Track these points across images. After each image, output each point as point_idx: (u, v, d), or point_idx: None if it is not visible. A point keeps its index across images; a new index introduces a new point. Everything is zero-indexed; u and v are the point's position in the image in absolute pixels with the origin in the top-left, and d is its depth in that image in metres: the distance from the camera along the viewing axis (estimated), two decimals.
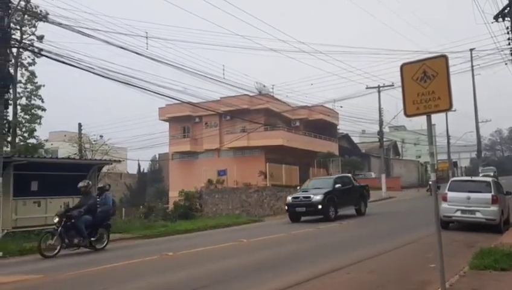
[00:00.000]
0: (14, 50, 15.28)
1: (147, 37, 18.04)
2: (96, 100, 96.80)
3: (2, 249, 11.90)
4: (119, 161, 20.51)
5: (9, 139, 16.69)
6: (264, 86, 35.51)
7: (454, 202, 13.20)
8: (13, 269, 9.57)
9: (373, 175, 47.92)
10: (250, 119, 33.65)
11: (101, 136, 28.44)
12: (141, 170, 53.18)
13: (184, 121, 39.62)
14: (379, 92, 37.31)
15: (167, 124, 41.02)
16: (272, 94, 35.61)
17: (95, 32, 15.61)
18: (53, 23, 15.42)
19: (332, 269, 7.90)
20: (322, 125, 42.31)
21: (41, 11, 16.33)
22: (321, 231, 15.18)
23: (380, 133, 38.07)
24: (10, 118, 15.94)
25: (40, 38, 16.76)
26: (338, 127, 46.65)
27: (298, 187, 21.77)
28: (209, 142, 37.73)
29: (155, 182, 49.89)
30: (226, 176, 32.21)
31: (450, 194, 13.46)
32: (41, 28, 17.20)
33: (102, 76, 15.74)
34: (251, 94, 33.91)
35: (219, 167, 33.54)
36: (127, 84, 16.85)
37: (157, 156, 55.52)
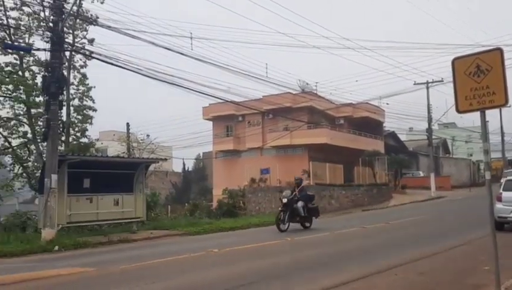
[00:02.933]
0: (67, 53, 15.99)
1: (191, 38, 18.36)
2: (143, 100, 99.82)
3: (57, 243, 12.55)
4: (165, 160, 21.07)
5: (63, 138, 17.49)
6: (307, 83, 35.23)
7: (510, 202, 12.54)
8: (68, 261, 10.06)
9: (421, 174, 46.37)
10: (293, 117, 33.47)
11: (148, 136, 29.24)
12: (186, 168, 54.35)
13: (227, 119, 40.02)
14: (428, 88, 36.03)
15: (211, 123, 41.60)
16: (315, 92, 35.26)
17: (141, 34, 16.07)
18: (102, 26, 16.04)
19: (380, 269, 7.72)
20: (367, 123, 41.40)
21: (91, 15, 17.05)
22: (368, 231, 14.89)
23: (429, 130, 36.75)
24: (64, 118, 16.69)
25: (91, 41, 17.48)
26: (384, 125, 45.49)
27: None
28: (251, 141, 37.90)
29: (199, 180, 50.76)
30: (269, 174, 32.23)
31: (505, 194, 12.80)
32: (92, 31, 17.96)
33: (149, 77, 16.17)
34: (294, 92, 33.72)
35: (262, 165, 33.60)
36: (172, 84, 17.23)
37: (201, 155, 56.48)
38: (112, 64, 14.68)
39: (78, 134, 19.78)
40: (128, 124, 29.55)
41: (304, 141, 35.40)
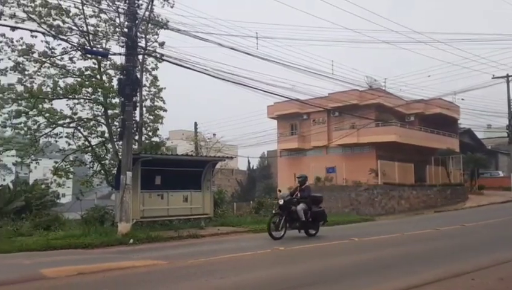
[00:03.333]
0: (140, 57, 16.81)
1: (257, 37, 18.56)
2: (210, 100, 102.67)
3: (132, 237, 13.25)
4: (231, 158, 21.48)
5: (136, 137, 18.42)
6: (375, 80, 34.12)
7: None
8: (142, 254, 10.59)
9: (501, 174, 43.20)
10: (360, 115, 32.64)
11: (214, 134, 30.02)
12: (251, 167, 55.03)
13: (292, 118, 39.95)
14: (508, 81, 33.45)
15: (275, 121, 41.76)
16: (383, 88, 34.10)
17: (209, 36, 16.54)
18: (172, 29, 16.72)
19: (454, 273, 7.29)
20: (440, 120, 39.28)
21: (162, 19, 17.80)
22: (440, 233, 14.14)
23: (509, 127, 34.12)
24: (138, 118, 17.58)
25: (162, 44, 18.23)
26: (459, 122, 42.91)
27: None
28: (317, 139, 37.50)
29: (264, 178, 51.19)
30: (335, 173, 31.73)
31: None
32: (163, 35, 18.74)
33: (216, 77, 16.57)
34: (361, 89, 32.86)
35: (327, 164, 33.17)
36: (238, 84, 17.53)
37: (265, 153, 56.91)
38: (181, 65, 15.25)
39: (150, 133, 20.69)
40: (196, 124, 30.53)
41: (372, 139, 34.40)
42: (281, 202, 13.23)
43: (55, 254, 10.88)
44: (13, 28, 15.66)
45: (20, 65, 17.26)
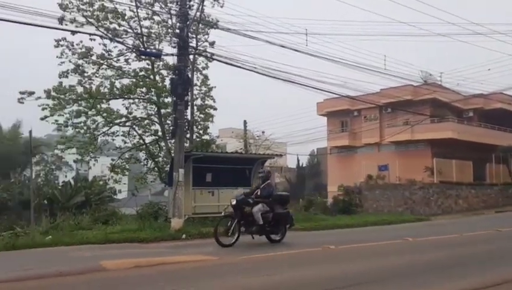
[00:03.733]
0: (191, 56, 17.17)
1: (306, 34, 18.42)
2: (259, 98, 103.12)
3: (184, 232, 13.61)
4: (281, 155, 21.39)
5: (188, 136, 18.82)
6: (430, 74, 32.69)
7: None
8: (194, 249, 10.84)
9: None
10: (414, 111, 31.46)
11: (263, 132, 30.06)
12: (300, 164, 54.64)
13: (342, 115, 39.26)
14: None
15: (325, 118, 41.22)
16: (439, 83, 32.65)
17: (258, 34, 16.55)
18: (222, 29, 16.97)
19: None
20: (501, 116, 37.03)
21: (212, 19, 18.09)
22: (502, 234, 13.35)
23: None
24: (189, 117, 17.98)
25: (212, 44, 18.54)
26: None
27: None
28: (368, 136, 36.61)
29: (313, 176, 50.66)
30: (388, 171, 30.82)
31: None
32: (213, 34, 18.99)
33: (265, 75, 16.62)
34: (415, 84, 31.65)
35: (379, 161, 32.29)
36: (287, 81, 17.47)
37: (315, 151, 56.30)
38: (231, 64, 15.42)
39: (201, 132, 21.09)
40: (245, 122, 30.76)
41: (427, 136, 33.07)
42: (234, 202, 11.37)
43: (113, 247, 11.39)
44: (73, 32, 16.58)
45: (80, 67, 18.18)
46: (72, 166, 34.29)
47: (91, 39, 17.18)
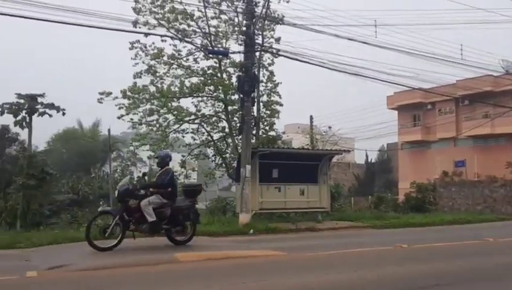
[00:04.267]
0: (257, 53, 17.27)
1: (375, 25, 17.77)
2: (326, 93, 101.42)
3: (252, 227, 13.77)
4: (349, 151, 20.96)
5: (254, 132, 18.98)
6: None
7: None
8: (261, 244, 10.92)
9: None
10: (494, 103, 29.27)
11: (330, 127, 29.54)
12: (369, 160, 53.12)
13: (414, 108, 37.57)
14: None
15: (395, 112, 39.69)
16: None
17: (325, 28, 16.25)
18: (288, 24, 16.87)
19: None
20: None
21: (278, 15, 18.06)
22: None
23: None
24: (255, 113, 18.12)
25: (278, 40, 18.51)
26: None
27: None
28: (443, 131, 34.71)
29: (383, 172, 49.08)
30: (465, 167, 28.97)
31: None
32: (279, 30, 18.95)
33: (332, 69, 16.30)
34: (496, 74, 29.41)
35: (455, 157, 30.45)
36: (356, 74, 17.00)
37: (385, 146, 54.40)
38: (297, 60, 15.31)
39: (267, 128, 21.19)
40: (311, 117, 30.41)
41: (509, 130, 30.69)
42: (116, 193, 9.57)
43: None
44: (146, 35, 17.37)
45: (152, 68, 19.02)
46: (146, 162, 36.09)
47: (162, 40, 17.92)
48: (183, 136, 21.48)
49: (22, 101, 19.61)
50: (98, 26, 12.39)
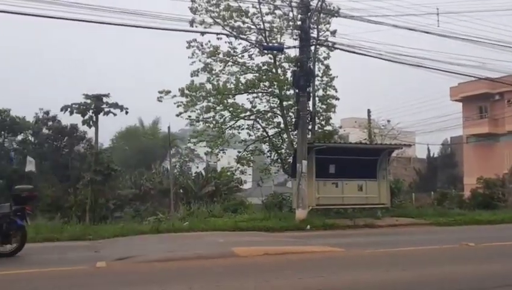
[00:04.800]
0: (312, 47, 17.08)
1: (437, 14, 16.95)
2: (384, 85, 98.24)
3: (309, 223, 13.70)
4: (409, 145, 20.20)
5: (310, 127, 18.81)
6: None
7: None
8: (319, 240, 10.85)
9: None
10: None
11: (389, 121, 28.61)
12: (431, 155, 50.87)
13: (480, 99, 35.46)
14: None
15: (460, 104, 37.68)
16: None
17: (383, 18, 15.74)
18: (345, 16, 16.54)
19: None
20: None
21: (333, 7, 17.75)
22: None
23: None
24: (311, 108, 17.95)
25: (333, 33, 18.19)
26: None
27: None
28: None
29: (446, 167, 46.79)
30: None
31: None
32: (334, 23, 18.59)
33: (391, 61, 15.80)
34: None
35: None
36: (416, 66, 16.35)
37: (448, 140, 51.82)
38: (354, 52, 14.98)
39: (323, 122, 20.96)
40: (369, 111, 29.56)
41: None
42: None
43: (242, 235, 11.98)
44: (202, 33, 17.75)
45: (209, 66, 19.41)
46: (203, 158, 36.98)
47: (218, 38, 18.23)
48: (239, 133, 21.78)
49: (88, 101, 20.76)
50: (158, 28, 12.85)
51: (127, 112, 21.66)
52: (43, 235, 11.24)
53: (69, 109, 21.00)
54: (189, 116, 20.01)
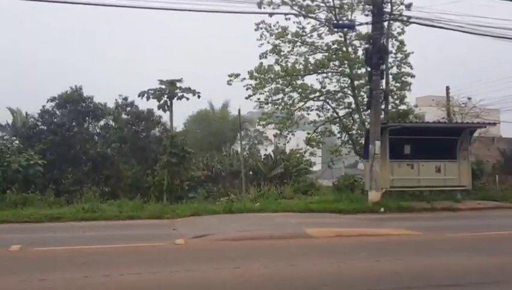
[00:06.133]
0: (385, 23, 16.28)
1: None
2: (464, 60, 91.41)
3: (382, 205, 13.32)
4: (493, 124, 18.77)
5: (383, 106, 18.15)
6: None
7: None
8: (394, 223, 10.52)
9: None
10: None
11: (469, 98, 26.68)
12: None
13: None
14: None
15: None
16: None
17: None
18: None
19: None
20: None
21: None
22: None
23: None
24: (384, 87, 17.25)
25: (408, 6, 17.14)
26: None
27: None
28: None
29: None
30: None
31: None
32: None
33: (473, 33, 14.62)
34: None
35: None
36: (502, 37, 15.00)
37: None
38: (432, 26, 14.07)
39: (397, 102, 20.06)
40: (447, 88, 27.77)
41: None
42: None
43: (314, 216, 11.95)
44: (271, 14, 17.60)
45: (277, 47, 19.23)
46: (271, 140, 37.18)
47: (286, 19, 17.96)
48: (308, 114, 21.52)
49: (163, 86, 21.61)
50: (227, 11, 12.96)
51: (199, 96, 22.28)
52: (126, 213, 12.02)
53: (145, 95, 22.03)
54: (258, 99, 20.09)
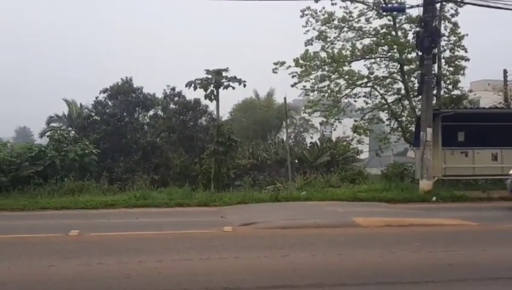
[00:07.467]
0: (438, 5, 15.54)
1: None
2: None
3: (435, 194, 12.87)
4: None
5: (434, 92, 17.43)
6: None
7: None
8: (447, 213, 10.13)
9: None
10: None
11: None
12: None
13: None
14: None
15: None
16: None
17: None
18: None
19: None
20: None
21: None
22: None
23: None
24: (436, 71, 16.55)
25: None
26: None
27: None
28: None
29: None
30: None
31: None
32: None
33: None
34: None
35: None
36: None
37: None
38: (488, 6, 13.27)
39: (450, 87, 19.23)
40: (505, 71, 26.22)
41: None
42: None
43: (362, 205, 11.73)
44: (316, 0, 17.31)
45: (323, 33, 18.90)
46: (317, 128, 36.79)
47: (332, 4, 17.65)
48: (355, 101, 21.06)
49: (209, 76, 21.87)
50: None
51: (244, 85, 22.30)
52: (175, 201, 12.37)
53: (192, 85, 22.38)
54: (304, 86, 19.88)
